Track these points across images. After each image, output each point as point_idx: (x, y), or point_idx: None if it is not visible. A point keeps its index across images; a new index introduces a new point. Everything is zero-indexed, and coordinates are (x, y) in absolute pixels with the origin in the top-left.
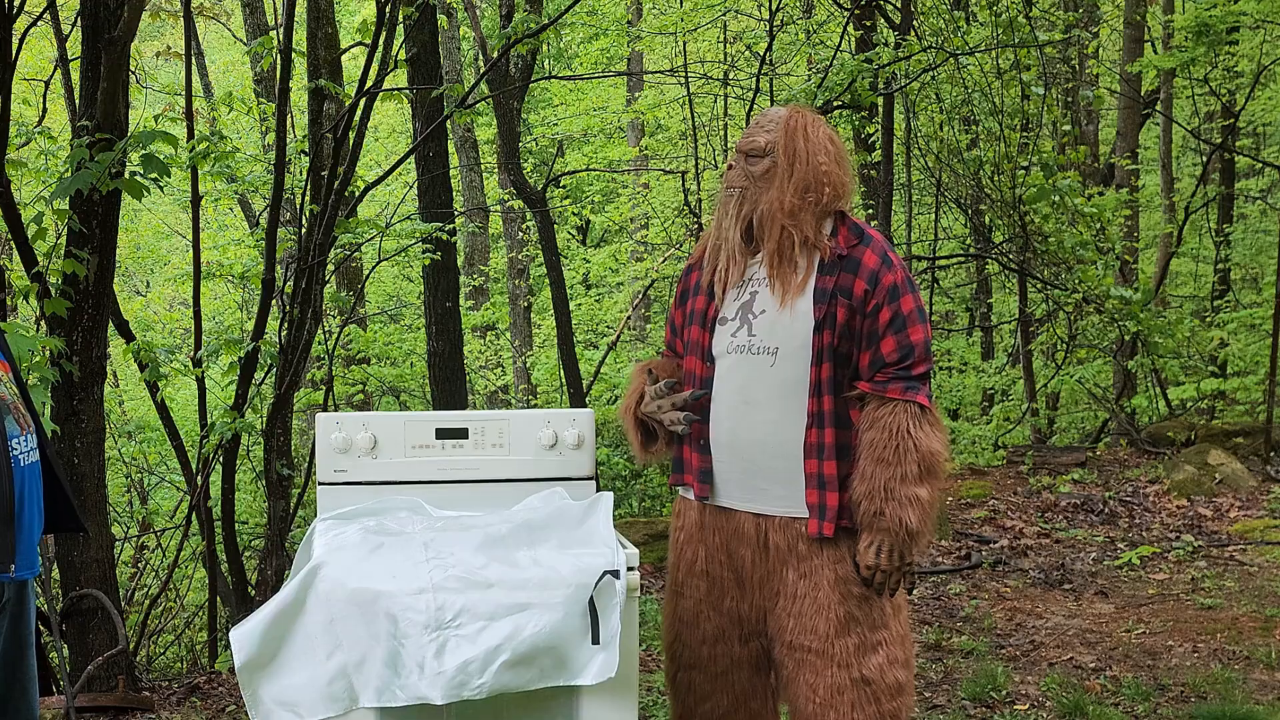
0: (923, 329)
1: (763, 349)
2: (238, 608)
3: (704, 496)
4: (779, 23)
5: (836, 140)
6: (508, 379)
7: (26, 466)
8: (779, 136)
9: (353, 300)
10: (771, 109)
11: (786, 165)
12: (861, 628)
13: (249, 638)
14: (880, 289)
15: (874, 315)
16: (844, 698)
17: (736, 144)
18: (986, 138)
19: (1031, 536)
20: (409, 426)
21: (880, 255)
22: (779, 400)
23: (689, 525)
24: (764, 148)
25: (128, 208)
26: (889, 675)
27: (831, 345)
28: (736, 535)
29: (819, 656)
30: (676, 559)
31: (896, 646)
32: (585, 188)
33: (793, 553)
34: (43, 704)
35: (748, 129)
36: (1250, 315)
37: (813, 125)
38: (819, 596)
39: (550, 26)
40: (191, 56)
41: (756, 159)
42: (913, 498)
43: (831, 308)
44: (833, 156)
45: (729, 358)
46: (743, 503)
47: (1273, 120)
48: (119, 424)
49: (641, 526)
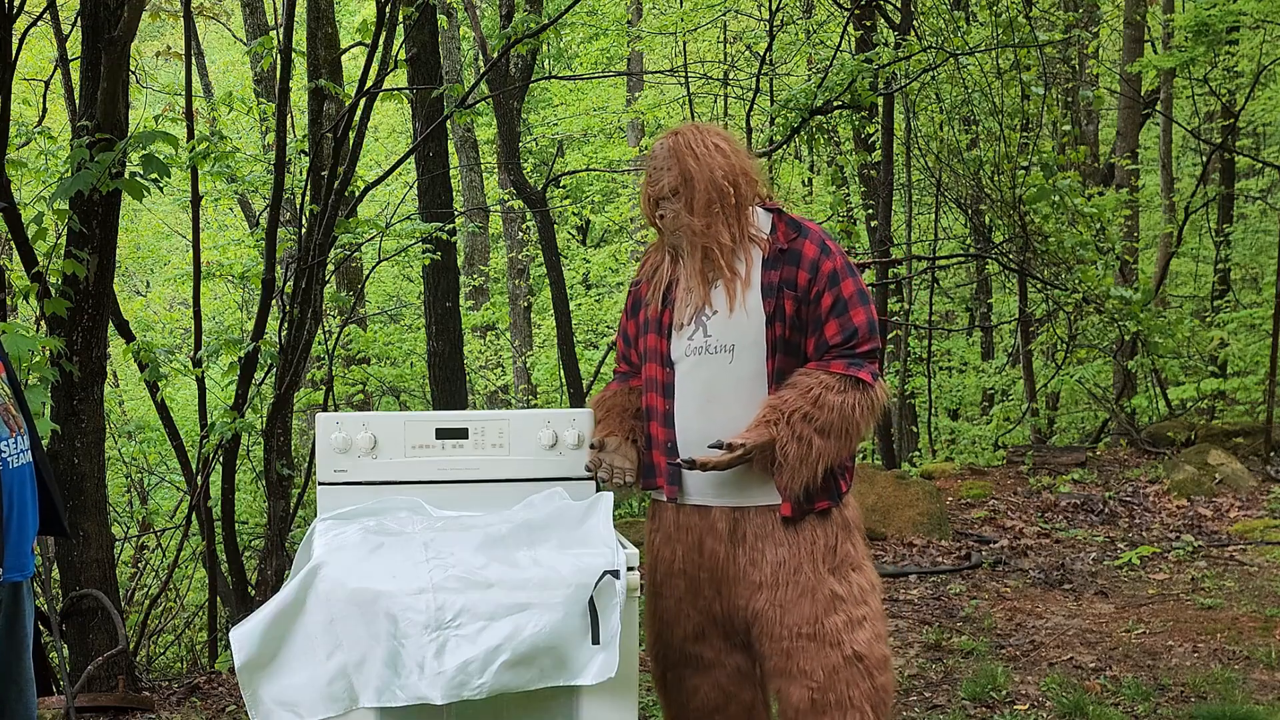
0: (864, 310)
1: (720, 347)
2: (238, 608)
3: (674, 498)
4: (779, 23)
5: (728, 138)
6: (508, 379)
7: (16, 469)
8: (673, 168)
9: (353, 300)
10: (659, 143)
11: (687, 192)
12: (846, 605)
13: (249, 638)
14: (820, 276)
15: (816, 302)
16: (840, 676)
17: (650, 194)
18: (986, 138)
19: (1031, 536)
20: (409, 426)
21: (819, 245)
22: (741, 395)
23: (665, 526)
24: (671, 188)
25: (128, 208)
26: (876, 650)
27: (783, 337)
28: (710, 531)
29: (811, 640)
30: (654, 560)
31: (879, 622)
32: (585, 188)
33: (769, 540)
34: (43, 704)
35: (649, 176)
36: (1250, 315)
37: (697, 138)
38: (801, 580)
39: (550, 26)
40: (191, 56)
41: (669, 201)
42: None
43: (780, 301)
44: (727, 155)
45: (688, 360)
46: (716, 498)
47: (1273, 120)
48: (119, 424)
49: (642, 526)
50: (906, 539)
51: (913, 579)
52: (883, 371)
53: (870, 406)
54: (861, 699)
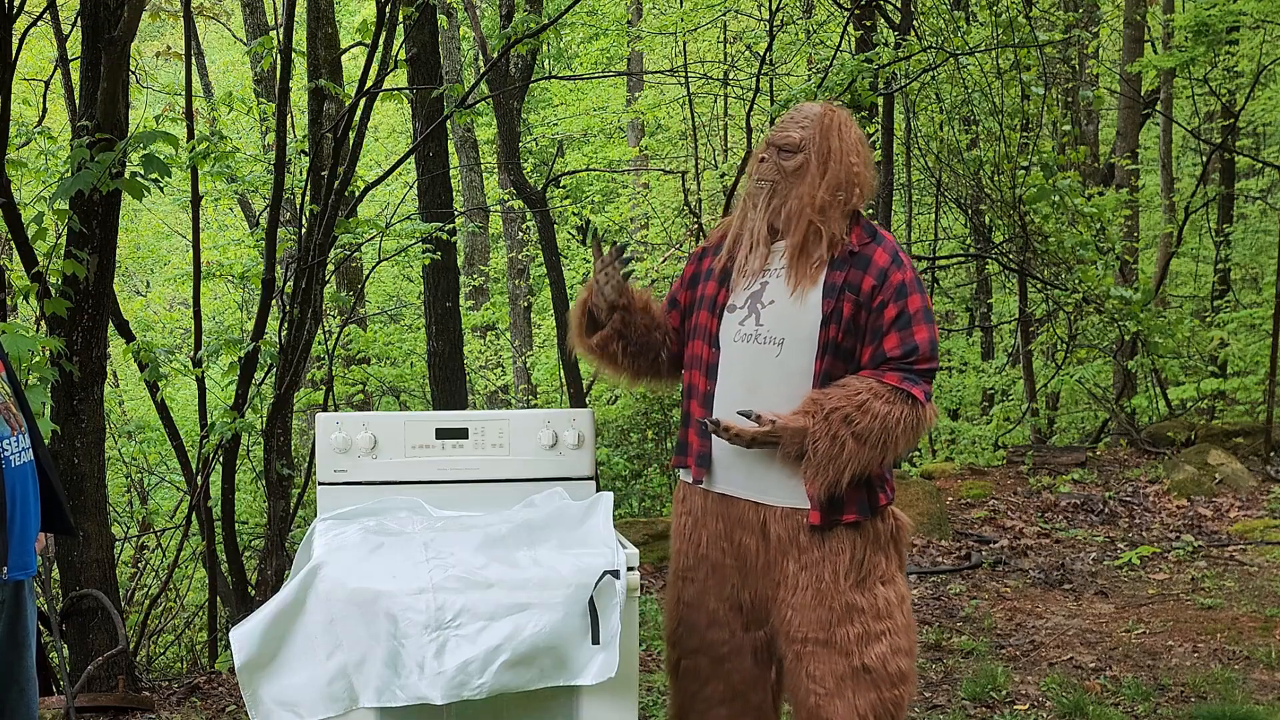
0: (928, 328)
1: (769, 338)
2: (238, 608)
3: (699, 480)
4: (779, 23)
5: (865, 142)
6: (508, 379)
7: (18, 467)
8: (813, 133)
9: (353, 300)
10: (805, 105)
11: (820, 163)
12: (865, 617)
13: (249, 638)
14: (887, 286)
15: (879, 311)
16: (846, 685)
17: (768, 136)
18: (986, 138)
19: (1031, 536)
20: (409, 426)
21: (891, 254)
22: (783, 389)
23: (693, 510)
24: (798, 143)
25: (128, 208)
26: (891, 664)
27: (835, 340)
28: (739, 522)
29: (822, 646)
30: (684, 544)
31: (900, 636)
32: (585, 188)
33: (794, 544)
34: (43, 704)
35: (780, 122)
36: (1250, 315)
37: (846, 125)
38: (820, 587)
39: (550, 26)
40: (191, 56)
41: (789, 154)
42: (842, 439)
43: (839, 303)
44: (863, 159)
45: (735, 345)
46: (743, 490)
47: (1273, 120)
48: (119, 424)
49: (641, 526)
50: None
51: (913, 579)
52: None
53: (915, 425)
54: (867, 709)
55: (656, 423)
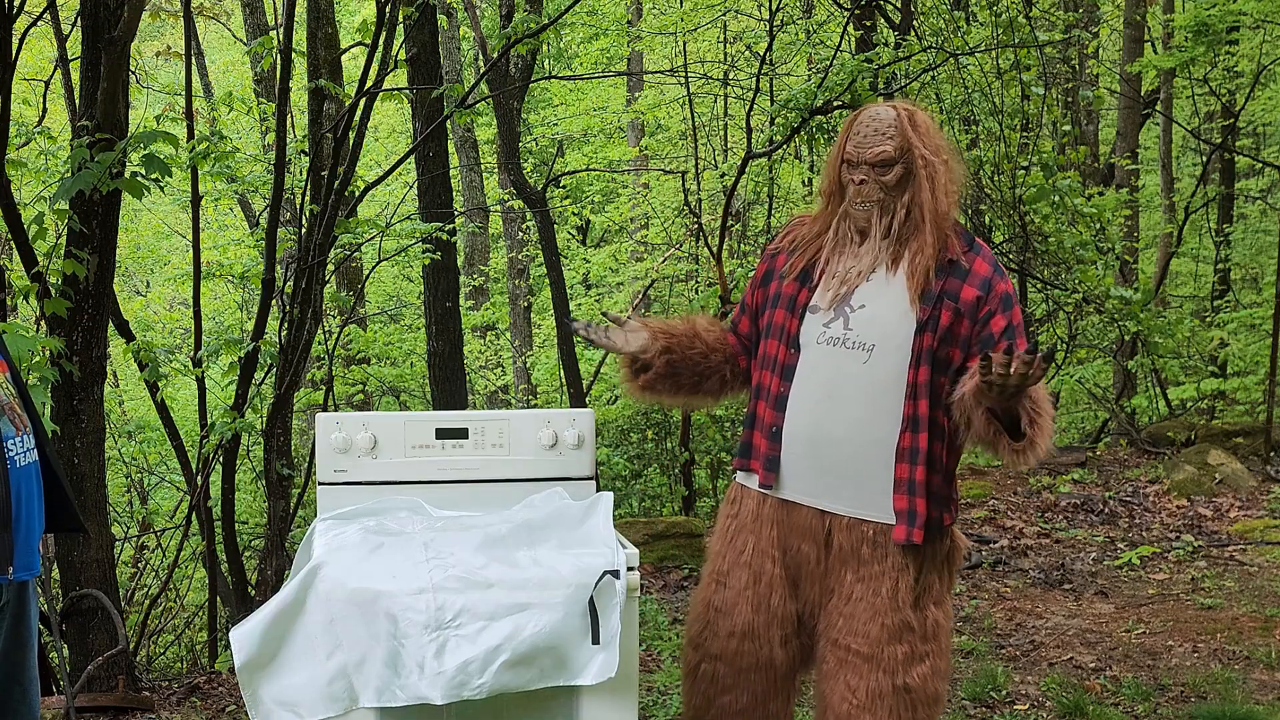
0: (1025, 341)
1: (858, 344)
2: (238, 608)
3: (768, 485)
4: (779, 23)
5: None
6: (508, 379)
7: (23, 467)
8: (909, 140)
9: (353, 300)
10: (875, 110)
11: (925, 167)
12: (914, 637)
13: (249, 638)
14: (994, 296)
15: (985, 322)
16: (883, 703)
17: (857, 156)
18: (986, 138)
19: (1031, 536)
20: (409, 426)
21: (992, 264)
22: (868, 399)
23: (744, 514)
24: (894, 155)
25: (128, 208)
26: (930, 686)
27: (931, 349)
28: (798, 530)
29: (865, 660)
30: (724, 546)
31: (942, 659)
32: (585, 188)
33: (855, 555)
34: (43, 704)
35: (861, 138)
36: (1250, 315)
37: (928, 123)
38: (876, 602)
39: (550, 26)
40: (191, 56)
41: (887, 168)
42: (1040, 398)
43: (936, 310)
44: (953, 154)
45: (817, 348)
46: (809, 497)
47: (1273, 120)
48: (119, 424)
49: (641, 526)
50: None
51: None
52: None
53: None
54: None
55: (656, 423)
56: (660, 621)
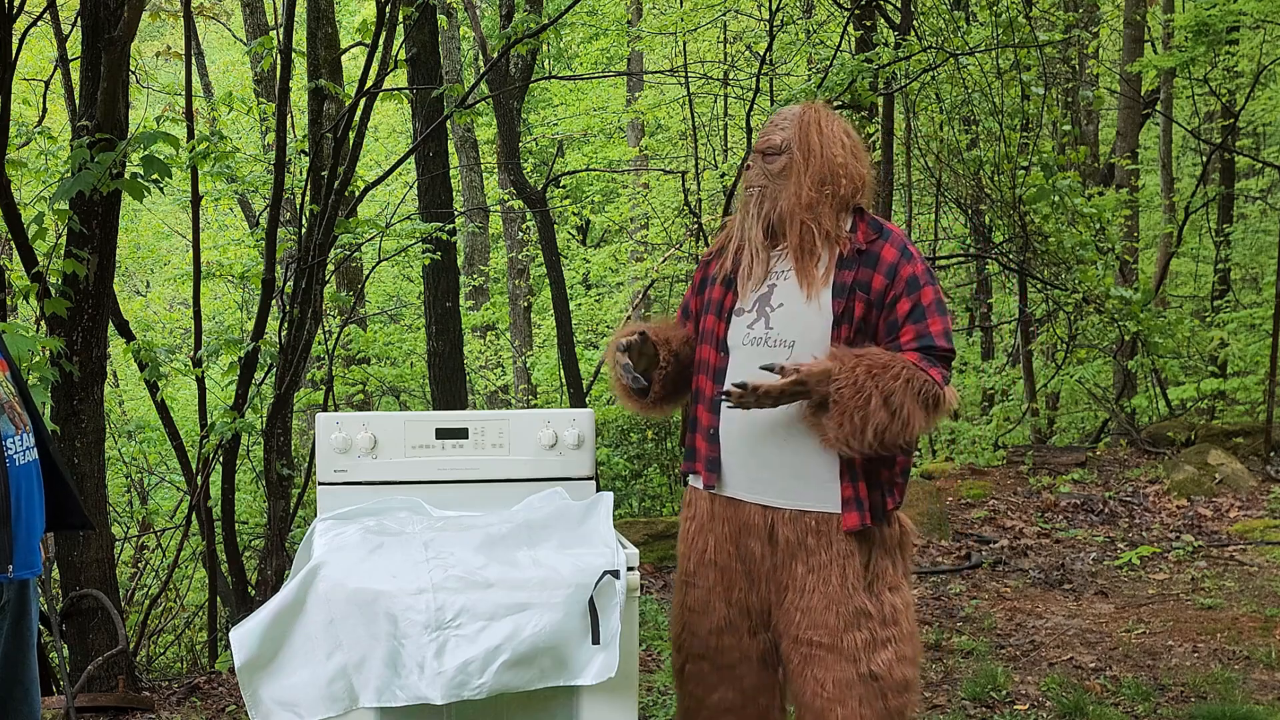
0: (942, 320)
1: (779, 341)
2: (238, 608)
3: (711, 486)
4: (779, 23)
5: (852, 134)
6: (508, 379)
7: (22, 466)
8: (794, 133)
9: (353, 300)
10: (786, 108)
11: (802, 160)
12: (872, 623)
13: (249, 638)
14: (899, 281)
15: (892, 307)
16: (852, 692)
17: (755, 144)
18: (986, 138)
19: (1031, 536)
20: (409, 426)
21: (899, 249)
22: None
23: (700, 515)
24: (780, 145)
25: (128, 208)
26: (897, 672)
27: (849, 339)
28: (745, 527)
29: (828, 651)
30: (688, 549)
31: (905, 644)
32: (585, 188)
33: (802, 546)
34: (43, 704)
35: (763, 128)
36: (1250, 315)
37: (826, 119)
38: (829, 591)
39: (550, 26)
40: (191, 56)
41: (774, 157)
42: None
43: (850, 302)
44: (848, 149)
45: (743, 349)
46: (750, 494)
47: (1273, 120)
48: (119, 424)
49: (641, 526)
50: None
51: (913, 579)
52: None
53: (935, 401)
54: (871, 717)
55: (656, 423)
56: (660, 621)
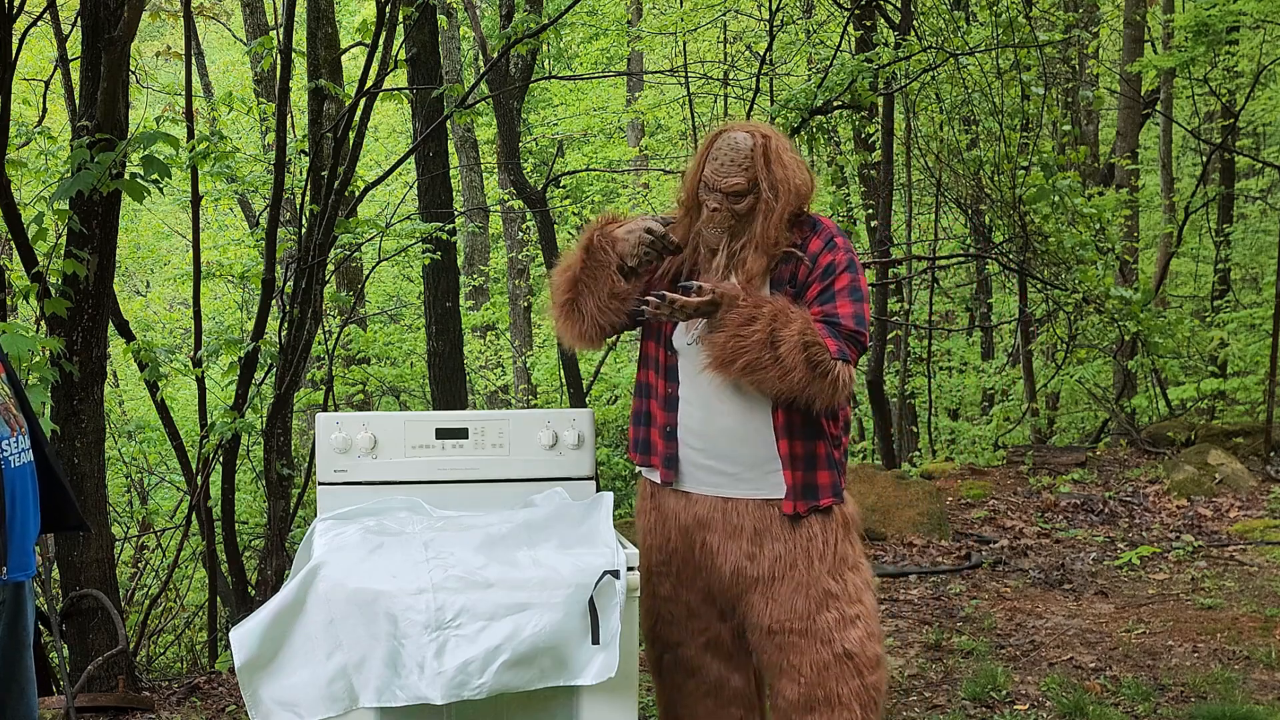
0: (853, 305)
1: None
2: (238, 608)
3: (669, 482)
4: (779, 23)
5: (795, 149)
6: (508, 379)
7: (17, 468)
8: (757, 172)
9: (353, 300)
10: (734, 138)
11: (772, 198)
12: (840, 603)
13: (249, 638)
14: (817, 267)
15: (804, 289)
16: (829, 673)
17: (713, 182)
18: (986, 138)
19: (1031, 536)
20: (409, 426)
21: (825, 240)
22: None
23: (661, 506)
24: (746, 186)
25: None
26: (869, 649)
27: None
28: (698, 520)
29: (802, 636)
30: (651, 541)
31: (872, 621)
32: (585, 188)
33: (766, 534)
34: (42, 704)
35: (719, 165)
36: (1250, 315)
37: (777, 147)
38: (795, 575)
39: (550, 26)
40: (191, 56)
41: (739, 198)
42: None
43: (781, 294)
44: (799, 166)
45: (692, 349)
46: (710, 488)
47: (1273, 120)
48: (119, 424)
49: None
50: (906, 539)
51: (913, 579)
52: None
53: (826, 372)
54: (850, 697)
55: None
56: None
